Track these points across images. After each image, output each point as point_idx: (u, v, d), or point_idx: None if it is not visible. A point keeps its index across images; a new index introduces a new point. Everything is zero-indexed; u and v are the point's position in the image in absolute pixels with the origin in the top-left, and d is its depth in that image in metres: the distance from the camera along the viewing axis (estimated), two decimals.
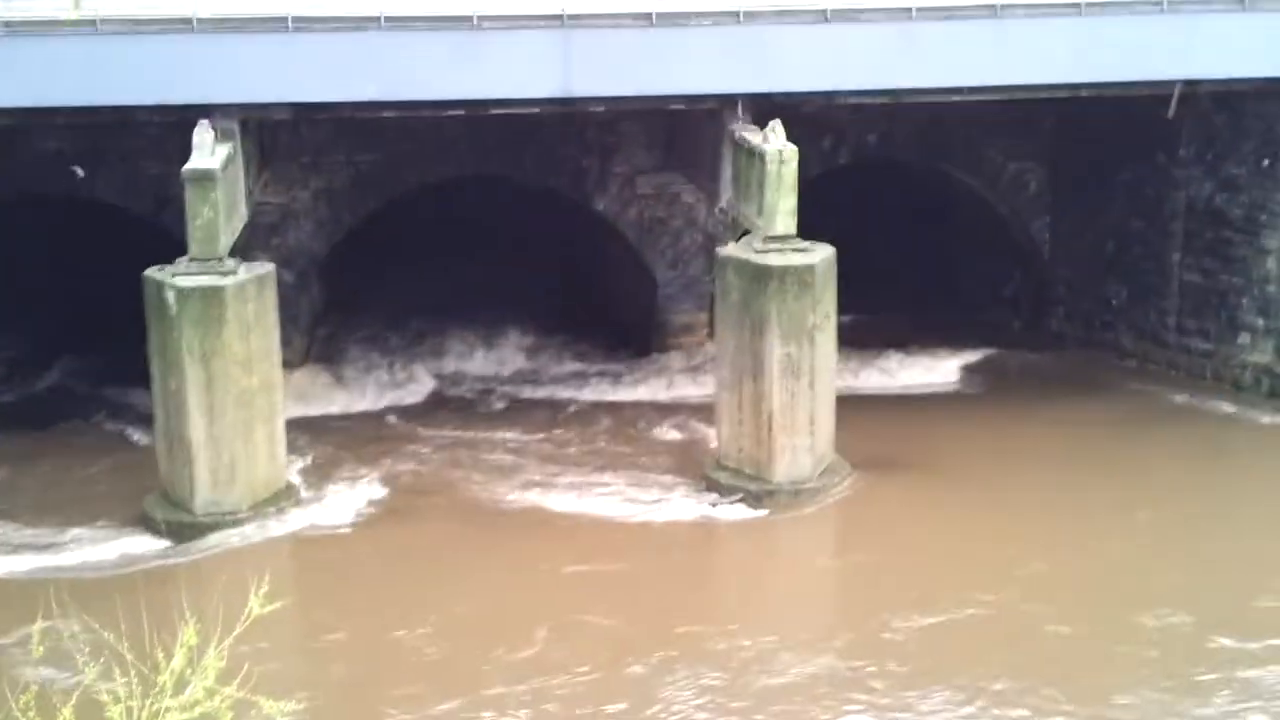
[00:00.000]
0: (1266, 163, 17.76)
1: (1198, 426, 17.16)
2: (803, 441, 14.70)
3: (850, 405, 15.95)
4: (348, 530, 14.09)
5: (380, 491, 14.95)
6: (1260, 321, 18.02)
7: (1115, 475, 15.37)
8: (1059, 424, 17.05)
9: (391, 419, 17.81)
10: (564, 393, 18.87)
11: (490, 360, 20.16)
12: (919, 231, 23.02)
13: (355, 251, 20.28)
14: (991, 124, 20.23)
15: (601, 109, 17.42)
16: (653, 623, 12.02)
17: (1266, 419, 17.23)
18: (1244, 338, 18.23)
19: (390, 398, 18.63)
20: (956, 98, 17.21)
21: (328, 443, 16.38)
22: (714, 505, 14.59)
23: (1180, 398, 18.07)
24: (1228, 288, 18.39)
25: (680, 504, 14.65)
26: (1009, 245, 21.50)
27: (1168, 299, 19.20)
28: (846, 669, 11.31)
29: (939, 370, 19.37)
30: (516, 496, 14.95)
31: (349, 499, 14.76)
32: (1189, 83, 17.49)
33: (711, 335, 17.53)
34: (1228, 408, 17.64)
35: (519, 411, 18.08)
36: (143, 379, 14.48)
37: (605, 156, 19.63)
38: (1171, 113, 18.10)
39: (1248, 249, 18.07)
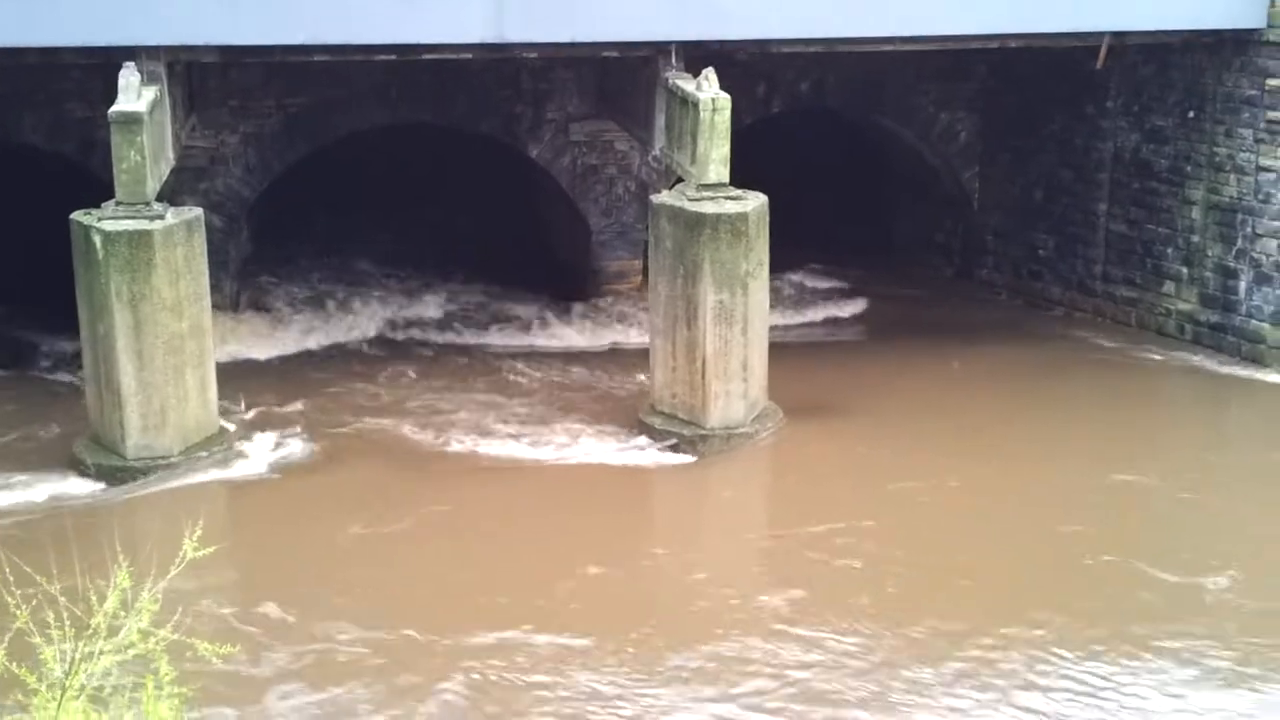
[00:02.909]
0: (1191, 114, 18.04)
1: (1122, 371, 17.51)
2: (736, 387, 14.83)
3: (784, 351, 16.11)
4: (280, 474, 14.05)
5: (312, 436, 14.91)
6: (1184, 270, 18.37)
7: (1042, 419, 15.64)
8: (987, 370, 17.34)
9: (324, 364, 17.76)
10: (498, 339, 18.89)
11: (424, 306, 20.11)
12: (854, 179, 23.21)
13: (287, 196, 20.13)
14: (923, 74, 20.39)
15: (534, 55, 17.35)
16: (577, 561, 12.15)
17: (1190, 363, 17.61)
18: (1168, 286, 18.58)
19: (322, 342, 18.58)
20: (888, 47, 17.30)
21: (259, 387, 16.30)
22: (646, 450, 14.68)
23: (1106, 344, 18.43)
24: (1153, 237, 18.71)
25: (613, 449, 14.74)
26: (941, 194, 21.73)
27: (1094, 248, 19.52)
28: (768, 601, 11.49)
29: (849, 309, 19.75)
30: (449, 442, 14.98)
31: (281, 443, 14.71)
32: (1117, 34, 17.70)
33: (645, 282, 17.59)
34: (1152, 354, 18.01)
35: (453, 357, 18.08)
36: (73, 324, 14.31)
37: (538, 103, 19.57)
38: (1100, 64, 18.31)
39: (1173, 199, 18.39)
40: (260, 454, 14.43)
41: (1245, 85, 17.28)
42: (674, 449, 14.66)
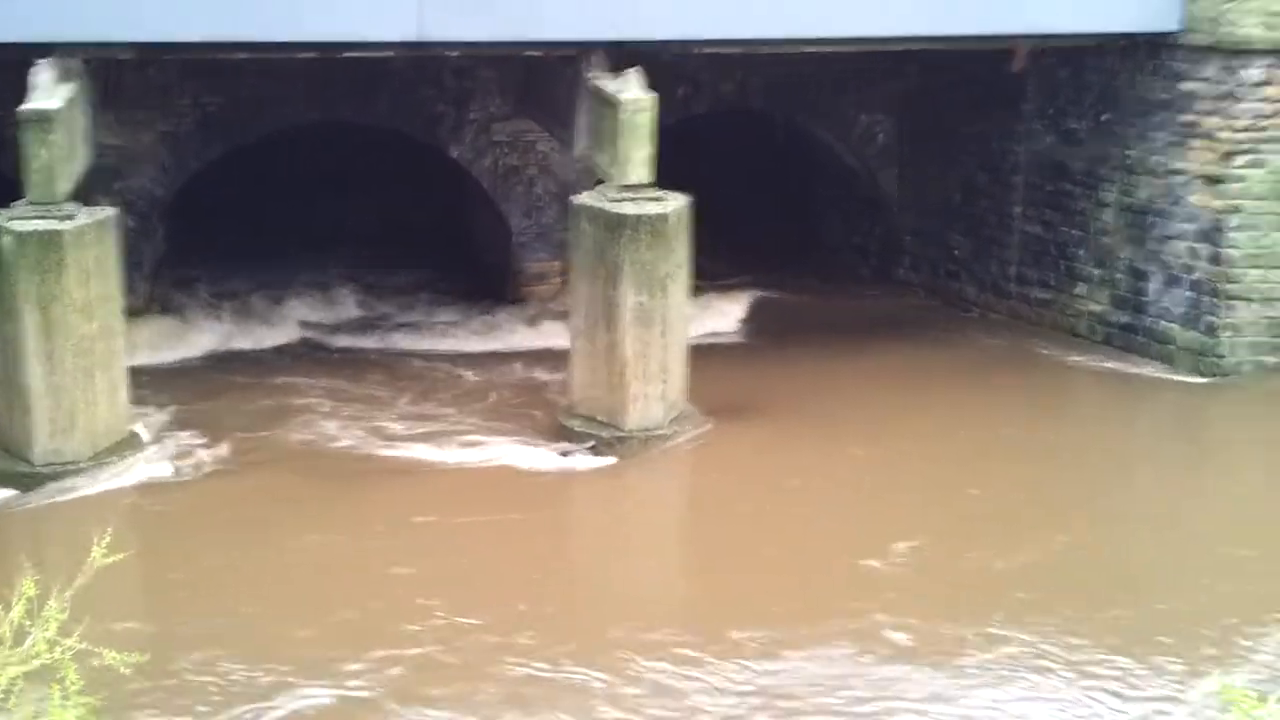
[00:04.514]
0: (1105, 118, 18.31)
1: (1035, 371, 17.75)
2: (654, 390, 14.85)
3: (703, 353, 16.18)
4: (193, 479, 13.87)
5: (226, 440, 14.72)
6: (1096, 271, 18.65)
7: (960, 419, 15.83)
8: (901, 369, 17.51)
9: (238, 367, 17.55)
10: (417, 341, 18.78)
11: (342, 308, 19.96)
12: (777, 181, 23.35)
13: (204, 196, 19.87)
14: (843, 76, 20.56)
15: (456, 54, 17.27)
16: (497, 565, 12.13)
17: (1101, 364, 17.89)
18: (1081, 288, 18.85)
19: (237, 345, 18.35)
20: (809, 49, 17.42)
21: (173, 390, 16.08)
22: (565, 454, 14.67)
23: (1020, 345, 18.66)
24: (1066, 239, 18.98)
25: (531, 451, 14.69)
26: (860, 195, 21.92)
27: (1009, 250, 19.77)
28: (684, 596, 11.58)
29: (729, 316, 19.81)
30: (366, 446, 14.87)
31: (194, 447, 14.51)
32: (1033, 38, 17.94)
33: (565, 284, 17.57)
34: (1065, 354, 18.26)
35: (371, 359, 17.95)
36: None
37: (460, 103, 19.49)
38: (1016, 68, 18.55)
39: (1086, 201, 18.66)
40: (172, 458, 14.22)
41: (1158, 89, 17.57)
42: (593, 451, 14.66)
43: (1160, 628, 10.87)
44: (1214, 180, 17.07)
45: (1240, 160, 16.92)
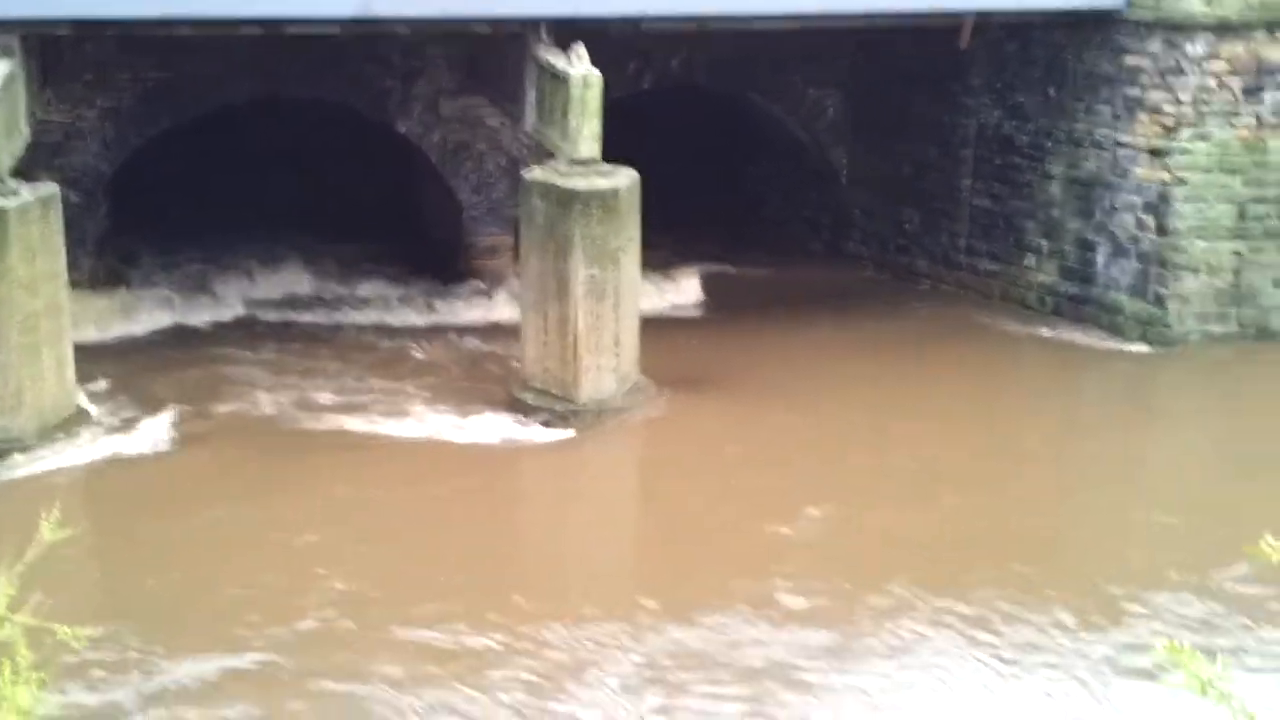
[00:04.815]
0: (1053, 92, 18.43)
1: (984, 342, 17.88)
2: (607, 362, 14.86)
3: (656, 325, 16.19)
4: (142, 456, 13.76)
5: (175, 416, 14.61)
6: (1044, 243, 18.79)
7: (907, 390, 15.96)
8: (853, 342, 17.60)
9: (186, 342, 17.38)
10: (370, 316, 18.65)
11: (291, 282, 19.76)
12: (727, 156, 23.34)
13: (148, 171, 19.64)
14: (792, 51, 20.55)
15: (404, 31, 17.14)
16: (453, 539, 12.17)
17: (1049, 333, 18.05)
18: (1029, 259, 18.99)
19: (184, 320, 18.15)
20: (758, 25, 17.42)
21: (120, 367, 15.91)
22: (519, 425, 14.65)
23: (970, 316, 18.77)
24: (1014, 211, 19.11)
25: (485, 425, 14.68)
26: (810, 170, 21.96)
27: (958, 223, 19.88)
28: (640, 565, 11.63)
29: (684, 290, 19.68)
30: (319, 421, 14.79)
31: (142, 424, 14.39)
32: (981, 13, 18.01)
33: (517, 258, 17.52)
34: (1014, 325, 18.40)
35: (321, 335, 17.82)
36: None
37: (408, 79, 19.34)
38: (964, 43, 18.63)
39: (1033, 174, 18.78)
40: (122, 435, 14.10)
41: (1104, 63, 17.70)
42: (546, 424, 14.64)
43: (1060, 590, 11.00)
44: (1160, 153, 17.24)
45: (1185, 133, 17.10)
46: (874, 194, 21.15)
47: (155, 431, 14.27)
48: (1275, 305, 17.39)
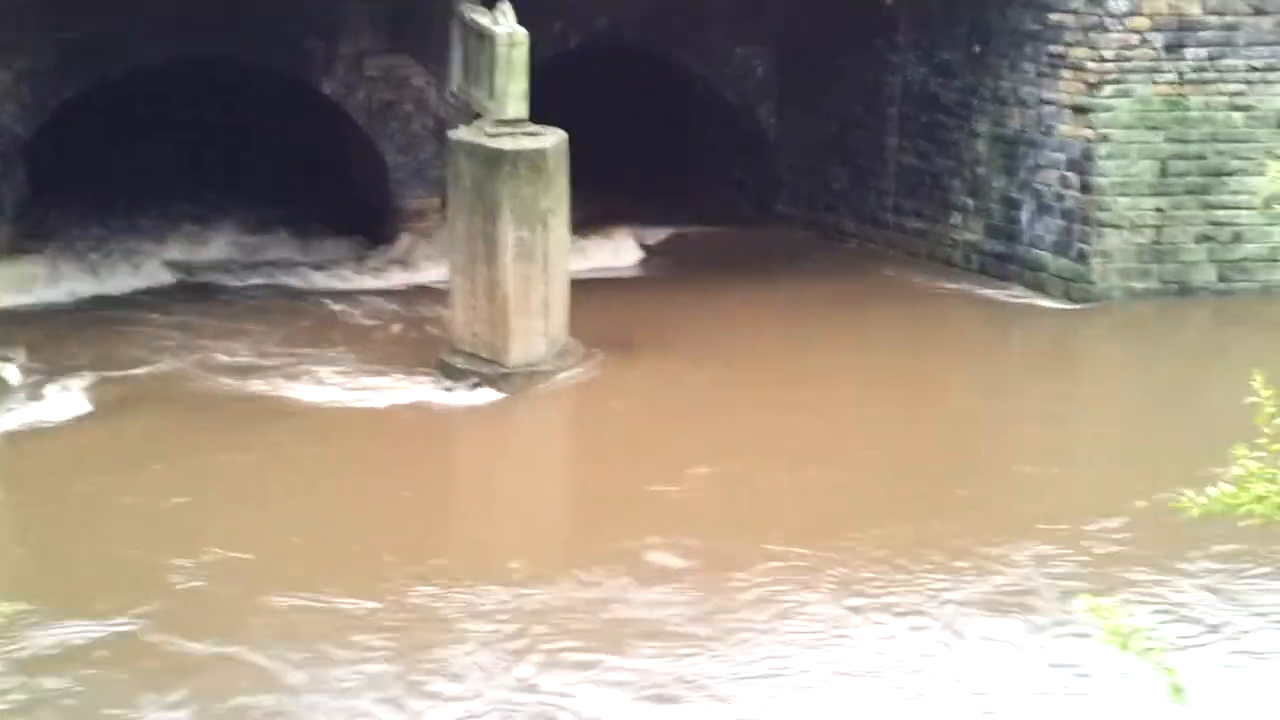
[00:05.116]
0: (977, 49, 18.51)
1: (911, 300, 17.99)
2: (537, 325, 14.81)
3: (585, 287, 16.15)
4: (63, 424, 13.58)
5: (97, 383, 14.42)
6: (970, 202, 18.91)
7: (832, 348, 16.11)
8: (783, 301, 17.64)
9: (109, 308, 17.13)
10: (296, 280, 18.48)
11: (216, 247, 19.53)
12: (655, 116, 23.25)
13: (68, 134, 19.29)
14: (722, 10, 20.50)
15: None
16: (382, 502, 12.11)
17: (975, 291, 18.17)
18: (956, 217, 19.11)
19: (109, 285, 17.90)
20: None
21: (40, 334, 15.67)
22: (448, 389, 14.60)
23: (896, 275, 18.87)
24: (941, 169, 19.20)
25: (414, 388, 14.62)
26: (739, 130, 21.94)
27: (885, 181, 19.95)
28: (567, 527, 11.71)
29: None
30: (244, 386, 14.65)
31: (64, 392, 14.20)
32: None
33: (444, 220, 17.39)
34: (940, 283, 18.51)
35: (246, 299, 17.64)
36: None
37: (331, 38, 19.09)
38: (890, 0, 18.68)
39: (959, 132, 18.88)
40: (43, 403, 13.92)
41: (1028, 20, 17.79)
42: (474, 388, 14.59)
43: (933, 544, 11.08)
44: (1083, 110, 17.38)
45: (1108, 90, 17.24)
46: (802, 153, 21.17)
47: (75, 399, 14.08)
48: (1196, 261, 17.62)
